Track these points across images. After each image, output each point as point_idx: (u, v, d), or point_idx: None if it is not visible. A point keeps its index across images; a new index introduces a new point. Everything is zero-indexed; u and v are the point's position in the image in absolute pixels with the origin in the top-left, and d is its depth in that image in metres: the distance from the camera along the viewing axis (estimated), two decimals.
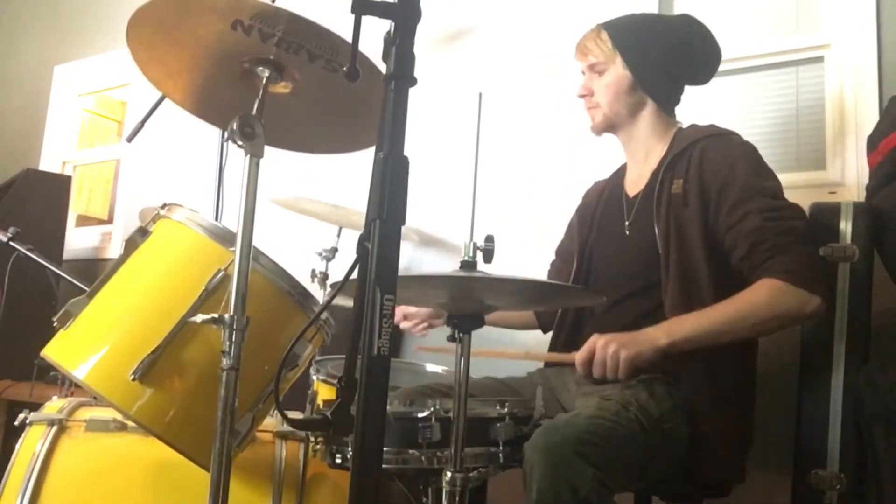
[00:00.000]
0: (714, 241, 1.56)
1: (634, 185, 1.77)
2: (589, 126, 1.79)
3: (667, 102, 1.76)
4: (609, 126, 1.77)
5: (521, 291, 1.41)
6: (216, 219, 2.43)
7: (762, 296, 1.47)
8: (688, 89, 1.80)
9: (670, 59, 1.72)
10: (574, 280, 1.81)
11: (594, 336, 1.47)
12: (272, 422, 1.65)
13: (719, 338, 1.48)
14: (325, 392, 1.72)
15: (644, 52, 1.72)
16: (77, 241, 3.88)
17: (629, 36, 1.73)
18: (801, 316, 1.50)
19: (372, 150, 0.90)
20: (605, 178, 1.94)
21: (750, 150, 1.62)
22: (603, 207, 1.84)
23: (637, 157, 1.79)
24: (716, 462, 1.49)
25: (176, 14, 1.29)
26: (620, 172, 1.87)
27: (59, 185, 3.58)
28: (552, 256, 2.00)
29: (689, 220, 1.58)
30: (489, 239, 1.25)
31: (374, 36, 0.96)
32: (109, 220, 4.07)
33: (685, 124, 1.77)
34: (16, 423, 1.59)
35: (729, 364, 1.53)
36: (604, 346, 1.45)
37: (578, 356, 1.47)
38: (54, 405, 1.64)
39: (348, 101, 1.43)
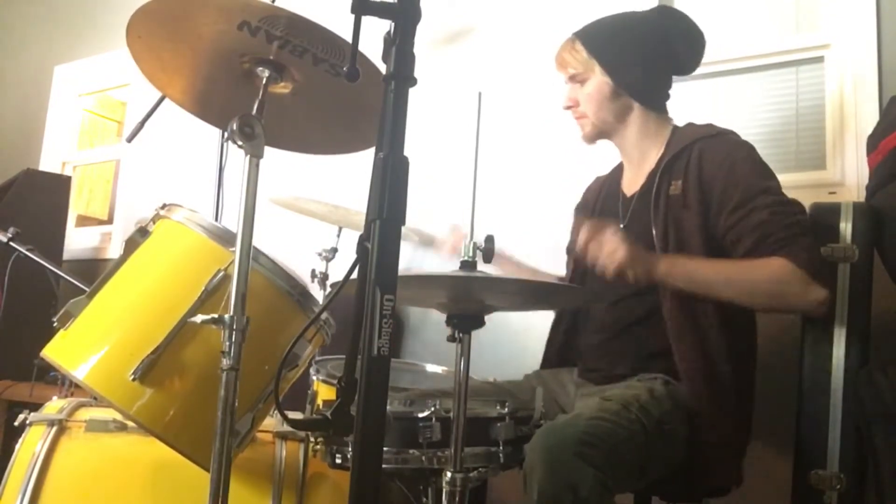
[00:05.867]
0: (714, 243, 1.56)
1: (631, 185, 1.76)
2: (580, 136, 1.78)
3: (653, 101, 1.73)
4: (599, 134, 1.75)
5: (520, 292, 1.41)
6: (216, 219, 2.43)
7: (770, 269, 1.47)
8: (688, 89, 1.79)
9: (648, 55, 1.69)
10: (570, 280, 1.80)
11: (611, 227, 1.49)
12: (272, 422, 1.65)
13: (713, 290, 1.49)
14: (325, 392, 1.72)
15: (620, 55, 1.69)
16: (77, 241, 3.88)
17: (602, 41, 1.70)
18: (803, 303, 1.49)
19: (372, 150, 0.90)
20: (605, 174, 1.93)
21: (748, 149, 1.61)
22: (601, 207, 1.84)
23: (632, 159, 1.78)
24: (716, 470, 1.50)
25: (180, 10, 1.28)
26: (618, 170, 1.87)
27: (59, 186, 3.57)
28: (552, 256, 1.99)
29: (689, 222, 1.57)
30: (489, 239, 1.25)
31: (374, 36, 0.96)
32: (109, 221, 4.07)
33: (682, 123, 1.75)
34: (16, 423, 1.59)
35: (729, 366, 1.52)
36: (612, 235, 1.46)
37: (583, 233, 1.48)
38: (54, 405, 1.64)
39: (348, 102, 1.43)
